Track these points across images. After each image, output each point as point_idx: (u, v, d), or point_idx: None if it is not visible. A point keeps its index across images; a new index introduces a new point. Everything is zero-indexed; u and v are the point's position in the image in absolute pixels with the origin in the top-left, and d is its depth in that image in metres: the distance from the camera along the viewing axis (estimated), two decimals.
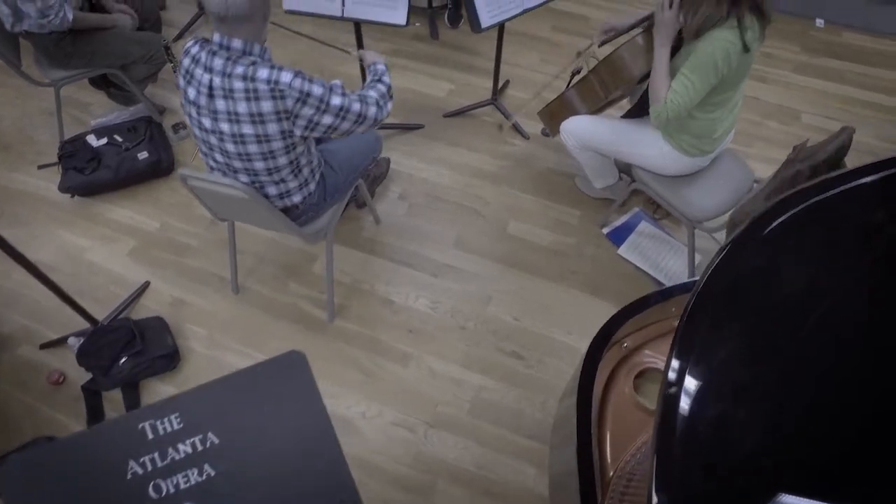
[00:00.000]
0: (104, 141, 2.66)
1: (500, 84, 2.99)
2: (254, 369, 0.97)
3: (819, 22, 3.72)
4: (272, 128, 1.57)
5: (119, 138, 2.67)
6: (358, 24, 2.36)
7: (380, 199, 2.63)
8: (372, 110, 1.70)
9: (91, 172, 2.57)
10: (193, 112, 1.62)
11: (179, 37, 3.44)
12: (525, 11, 2.39)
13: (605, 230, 2.52)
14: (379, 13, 2.16)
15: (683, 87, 1.80)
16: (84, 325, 2.13)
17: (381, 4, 2.15)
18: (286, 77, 1.52)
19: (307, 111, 1.57)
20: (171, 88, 3.07)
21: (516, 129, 2.87)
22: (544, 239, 2.49)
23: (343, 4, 2.17)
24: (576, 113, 2.25)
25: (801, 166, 1.72)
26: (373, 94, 1.73)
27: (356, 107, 1.65)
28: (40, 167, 2.77)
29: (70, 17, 2.33)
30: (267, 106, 1.53)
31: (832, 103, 3.20)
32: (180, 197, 2.65)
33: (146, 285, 2.37)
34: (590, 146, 2.24)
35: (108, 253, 2.48)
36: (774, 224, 0.70)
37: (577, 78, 2.31)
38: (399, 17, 2.15)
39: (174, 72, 2.64)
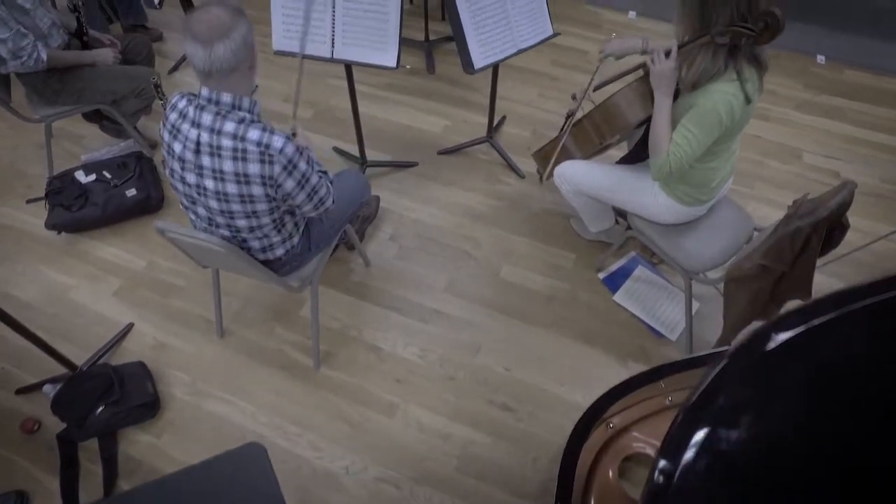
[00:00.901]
0: (93, 177, 2.62)
1: (496, 121, 2.95)
2: (210, 463, 0.91)
3: (820, 58, 3.68)
4: (256, 189, 1.53)
5: (108, 175, 2.64)
6: (349, 66, 2.32)
7: (370, 239, 2.57)
8: (329, 201, 1.75)
9: (78, 210, 2.53)
10: (177, 167, 1.58)
11: (175, 69, 3.43)
12: (520, 52, 2.36)
13: (601, 275, 2.46)
14: (369, 55, 2.12)
15: (686, 141, 1.75)
16: (63, 369, 2.07)
17: (372, 46, 2.11)
18: (278, 142, 1.48)
19: (290, 183, 1.55)
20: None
21: (510, 167, 2.83)
22: (538, 283, 2.43)
23: (333, 46, 2.14)
24: (570, 157, 2.20)
25: (802, 223, 1.66)
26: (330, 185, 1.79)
27: (322, 192, 1.68)
28: (28, 202, 2.73)
29: (44, 57, 2.31)
30: (254, 168, 1.49)
31: (834, 142, 3.15)
32: None
33: (130, 327, 2.31)
34: (584, 192, 2.19)
35: (93, 292, 2.42)
36: (774, 345, 0.63)
37: (572, 119, 2.27)
38: (390, 59, 2.11)
39: (164, 108, 2.60)
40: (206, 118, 1.48)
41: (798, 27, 3.83)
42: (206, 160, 1.50)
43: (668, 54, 1.74)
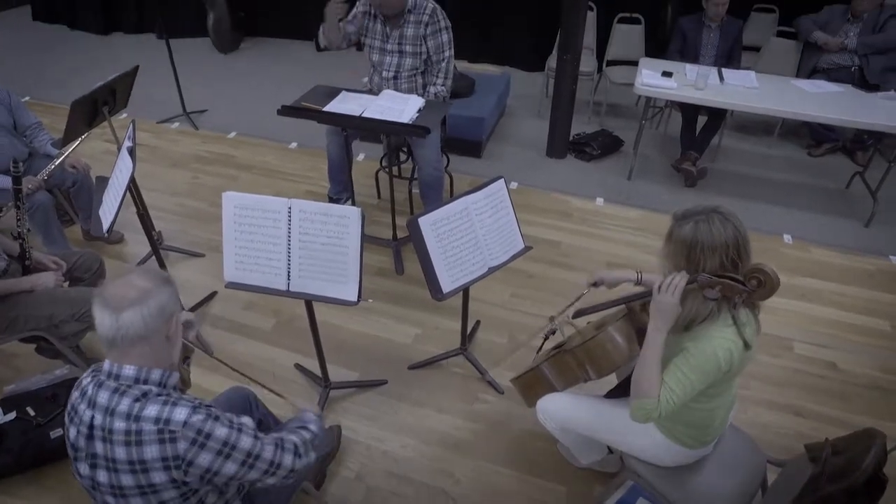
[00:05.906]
0: (12, 416, 2.29)
1: (470, 328, 2.77)
2: None
3: (787, 238, 3.72)
4: (159, 477, 1.24)
5: (32, 411, 2.31)
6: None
7: (332, 478, 2.23)
8: (288, 459, 1.39)
9: None
10: (72, 455, 1.31)
11: None
12: (491, 271, 2.24)
13: None
14: (328, 288, 1.96)
15: (681, 386, 1.55)
16: None
17: (331, 280, 1.95)
18: (180, 414, 1.22)
19: (205, 458, 1.24)
20: None
21: (489, 383, 2.59)
22: None
23: (289, 279, 1.98)
24: (552, 388, 1.98)
25: (833, 489, 1.41)
26: (294, 438, 1.44)
27: (268, 453, 1.34)
28: None
29: None
30: (151, 452, 1.21)
31: (820, 328, 3.04)
32: None
33: None
34: (571, 430, 1.95)
35: None
36: None
37: (550, 339, 2.10)
38: (350, 293, 1.95)
39: None
40: (103, 396, 1.24)
41: (761, 207, 3.93)
42: (98, 447, 1.24)
43: (674, 290, 1.55)
